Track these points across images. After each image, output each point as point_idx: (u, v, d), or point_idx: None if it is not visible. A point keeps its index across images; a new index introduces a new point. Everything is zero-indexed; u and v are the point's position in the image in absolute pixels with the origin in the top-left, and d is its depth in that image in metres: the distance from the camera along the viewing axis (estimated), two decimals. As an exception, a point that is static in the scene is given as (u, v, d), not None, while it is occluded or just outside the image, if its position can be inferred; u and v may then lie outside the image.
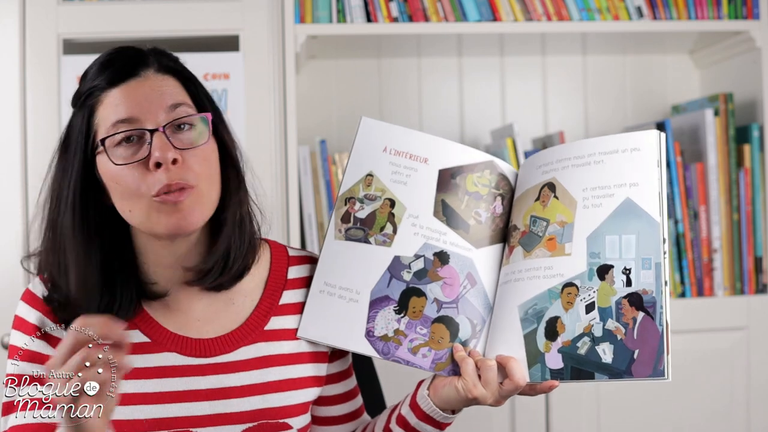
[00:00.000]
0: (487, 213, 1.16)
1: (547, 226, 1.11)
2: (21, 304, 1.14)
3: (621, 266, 1.05)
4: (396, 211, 1.17)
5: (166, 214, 1.06)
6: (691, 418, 2.04)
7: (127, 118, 1.06)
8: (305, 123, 2.25)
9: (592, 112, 2.41)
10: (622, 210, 1.07)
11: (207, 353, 1.13)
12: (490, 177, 1.17)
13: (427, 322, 1.13)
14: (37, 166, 1.95)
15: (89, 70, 1.13)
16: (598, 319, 1.06)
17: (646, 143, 1.08)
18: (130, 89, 1.08)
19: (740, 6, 2.09)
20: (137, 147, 1.06)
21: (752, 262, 2.09)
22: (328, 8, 2.02)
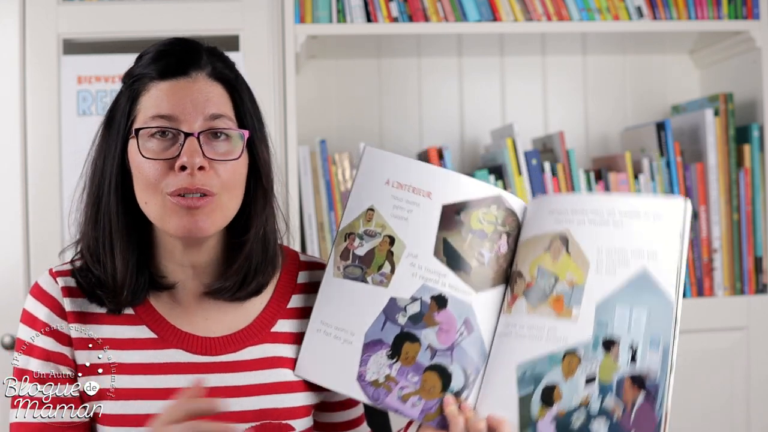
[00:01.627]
0: (491, 253, 1.10)
1: (555, 284, 1.05)
2: (30, 299, 1.15)
3: (628, 341, 1.00)
4: (395, 249, 1.10)
5: (178, 216, 1.07)
6: (691, 418, 2.04)
7: (166, 115, 1.07)
8: (305, 123, 2.25)
9: (592, 112, 2.41)
10: (637, 281, 1.01)
11: (213, 351, 1.14)
12: (497, 213, 1.10)
13: (419, 369, 1.08)
14: (37, 166, 1.95)
15: (145, 54, 1.13)
16: (597, 393, 1.01)
17: (670, 212, 1.02)
18: (177, 87, 1.09)
19: (740, 6, 2.09)
20: (169, 144, 1.07)
21: (752, 262, 2.09)
22: (328, 8, 2.02)
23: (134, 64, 1.14)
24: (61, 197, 1.94)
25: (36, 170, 1.95)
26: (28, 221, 1.95)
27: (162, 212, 1.08)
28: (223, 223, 1.11)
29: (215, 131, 1.08)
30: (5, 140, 1.95)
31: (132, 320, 1.13)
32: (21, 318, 1.14)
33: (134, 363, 1.11)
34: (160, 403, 1.09)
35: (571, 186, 2.05)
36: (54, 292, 1.13)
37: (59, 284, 1.14)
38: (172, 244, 1.13)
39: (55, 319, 1.12)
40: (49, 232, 1.94)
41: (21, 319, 1.14)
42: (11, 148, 1.95)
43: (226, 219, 1.11)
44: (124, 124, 1.11)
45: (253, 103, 1.16)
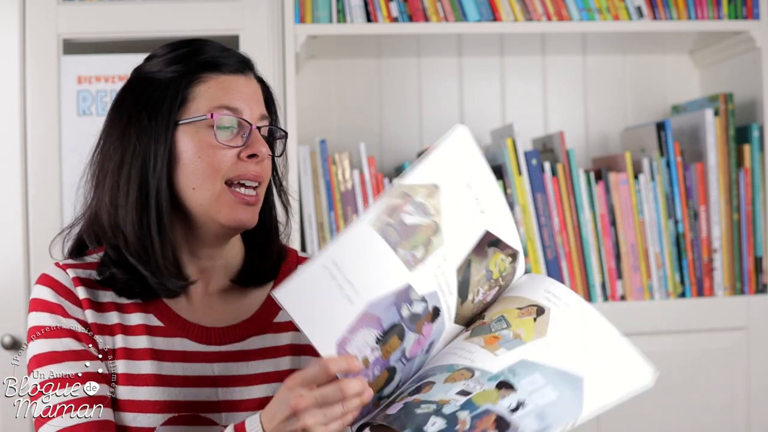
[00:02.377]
0: (481, 296, 1.08)
1: (502, 328, 1.05)
2: (39, 288, 1.13)
3: (521, 397, 0.98)
4: (434, 240, 1.03)
5: (231, 207, 1.11)
6: (691, 418, 2.04)
7: (235, 108, 1.13)
8: (305, 123, 2.25)
9: (592, 112, 2.41)
10: (569, 379, 1.03)
11: (217, 341, 1.16)
12: (508, 266, 1.10)
13: (384, 366, 1.01)
14: (37, 166, 1.95)
15: (202, 42, 1.17)
16: (460, 404, 0.97)
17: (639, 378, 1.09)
18: (243, 84, 1.16)
19: (740, 6, 2.09)
20: (233, 134, 1.12)
21: (752, 262, 2.09)
22: (328, 8, 2.02)
23: (187, 49, 1.15)
24: (61, 197, 1.94)
25: (36, 170, 1.95)
26: (28, 221, 1.95)
27: (216, 200, 1.11)
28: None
29: (270, 129, 1.17)
30: (5, 140, 1.95)
31: (140, 308, 1.15)
32: (31, 307, 1.13)
33: (143, 348, 1.12)
34: (168, 390, 1.11)
35: (571, 186, 2.05)
36: (66, 281, 1.13)
37: (70, 275, 1.14)
38: (206, 239, 1.16)
39: (71, 306, 1.12)
40: (49, 232, 1.92)
41: (32, 308, 1.13)
42: (11, 148, 1.95)
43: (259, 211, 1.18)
44: (176, 111, 1.11)
45: (276, 110, 1.26)
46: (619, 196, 2.06)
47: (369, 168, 2.05)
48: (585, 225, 2.05)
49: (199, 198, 1.11)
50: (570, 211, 2.05)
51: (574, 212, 2.05)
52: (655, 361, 2.10)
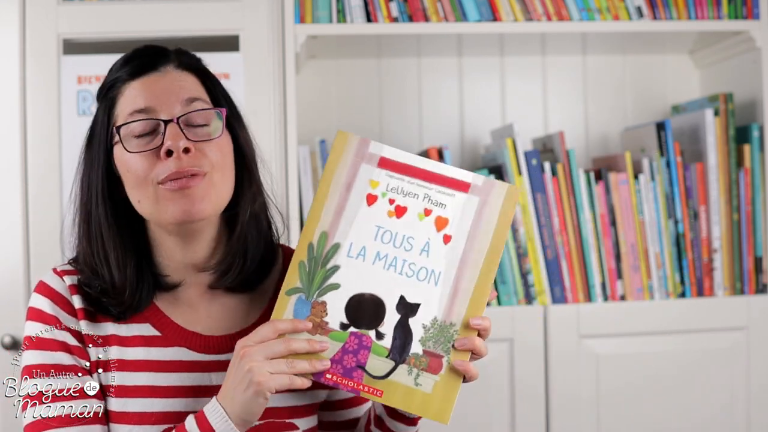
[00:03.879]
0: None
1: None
2: (37, 297, 1.14)
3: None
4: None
5: (173, 201, 1.08)
6: (691, 418, 2.04)
7: (143, 108, 1.09)
8: (305, 123, 2.25)
9: (592, 112, 2.41)
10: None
11: (216, 350, 1.14)
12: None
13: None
14: (37, 166, 1.95)
15: (114, 65, 1.16)
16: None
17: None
18: (150, 82, 1.11)
19: (740, 6, 2.09)
20: (151, 137, 1.09)
21: (752, 262, 2.09)
22: (328, 8, 2.02)
23: (104, 78, 1.16)
24: (61, 197, 1.94)
25: (36, 170, 1.95)
26: (28, 221, 1.95)
27: (156, 203, 1.08)
28: (219, 204, 1.11)
29: (194, 121, 1.10)
30: (5, 140, 1.95)
31: (136, 318, 1.14)
32: (28, 316, 1.14)
33: (138, 360, 1.12)
34: (165, 401, 1.10)
35: (571, 186, 2.05)
36: (62, 289, 1.14)
37: (66, 282, 1.14)
38: (171, 242, 1.14)
39: (66, 316, 1.12)
40: (49, 232, 1.94)
41: (29, 317, 1.13)
42: (11, 148, 1.95)
43: (222, 200, 1.12)
44: (104, 135, 1.12)
45: (224, 90, 1.18)
46: (619, 196, 2.06)
47: (369, 168, 2.05)
48: (585, 225, 2.05)
49: (145, 208, 1.10)
50: (570, 211, 2.05)
51: (574, 212, 2.05)
52: (655, 361, 2.12)
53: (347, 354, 1.07)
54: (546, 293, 2.04)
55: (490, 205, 1.11)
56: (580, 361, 2.02)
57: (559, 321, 2.01)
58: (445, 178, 1.11)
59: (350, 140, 1.13)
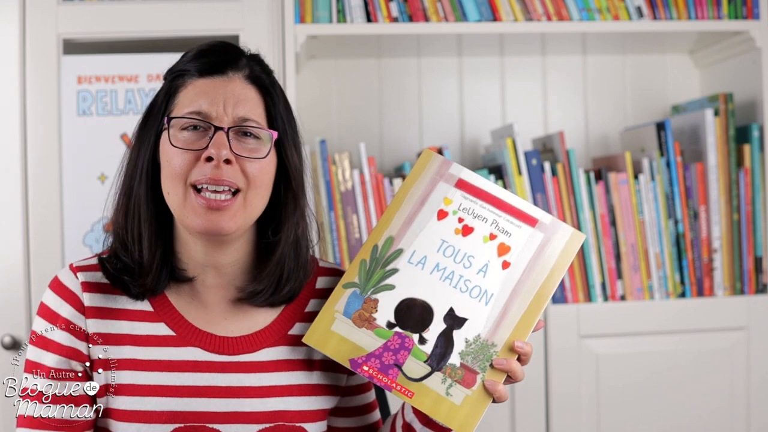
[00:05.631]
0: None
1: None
2: (49, 293, 1.15)
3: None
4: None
5: (196, 214, 1.09)
6: (691, 417, 2.04)
7: (200, 111, 1.10)
8: (305, 123, 2.24)
9: (592, 112, 2.41)
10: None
11: (230, 351, 1.15)
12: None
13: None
14: (37, 166, 1.95)
15: (188, 52, 1.16)
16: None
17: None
18: (214, 85, 1.12)
19: (740, 6, 2.09)
20: (199, 137, 1.10)
21: (752, 262, 2.09)
22: (328, 8, 2.02)
23: (176, 61, 1.17)
24: (61, 197, 1.94)
25: (36, 170, 1.95)
26: (28, 221, 1.95)
27: (183, 205, 1.10)
28: (246, 223, 1.12)
29: (245, 130, 1.11)
30: (5, 140, 1.95)
31: (150, 317, 1.14)
32: (38, 311, 1.15)
33: (152, 360, 1.12)
34: (176, 400, 1.11)
35: (571, 186, 2.05)
36: (74, 286, 1.14)
37: (79, 279, 1.14)
38: (192, 241, 1.15)
39: (74, 314, 1.12)
40: (49, 232, 1.94)
41: (38, 312, 1.15)
42: (11, 148, 1.95)
43: (249, 219, 1.13)
44: (159, 118, 1.14)
45: (287, 110, 1.18)
46: (619, 196, 2.06)
47: (369, 168, 2.05)
48: (585, 225, 2.05)
49: (171, 203, 1.12)
50: (570, 211, 2.05)
51: (574, 212, 2.05)
52: (655, 361, 2.12)
53: (388, 351, 1.11)
54: (546, 293, 2.04)
55: (552, 243, 1.15)
56: (580, 361, 2.02)
57: (559, 321, 2.01)
58: (515, 210, 1.16)
59: (434, 159, 1.19)
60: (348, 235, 2.03)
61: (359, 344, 1.12)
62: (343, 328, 1.13)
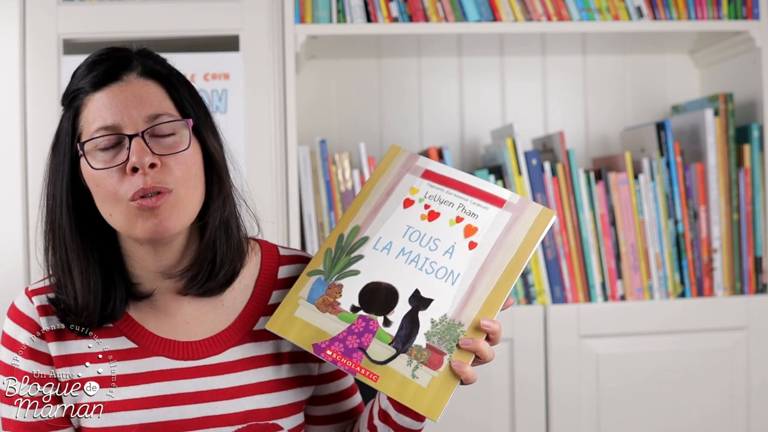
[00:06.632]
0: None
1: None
2: (7, 321, 1.15)
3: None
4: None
5: (144, 219, 1.07)
6: (691, 418, 2.04)
7: (108, 126, 1.07)
8: (305, 123, 2.25)
9: (592, 112, 2.41)
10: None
11: (195, 356, 1.13)
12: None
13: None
14: (38, 166, 1.95)
15: (78, 69, 1.14)
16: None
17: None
18: (113, 94, 1.09)
19: (740, 6, 2.09)
20: (117, 151, 1.07)
21: (752, 262, 2.09)
22: (328, 8, 2.02)
23: (69, 81, 1.14)
24: (61, 197, 1.94)
25: (36, 170, 1.95)
26: (28, 221, 1.95)
27: (127, 220, 1.07)
28: (188, 218, 1.10)
29: (159, 132, 1.08)
30: (5, 140, 1.95)
31: (110, 333, 1.13)
32: (1, 341, 1.14)
33: (117, 375, 1.11)
34: (146, 412, 1.10)
35: (571, 186, 2.05)
36: (30, 312, 1.13)
37: (35, 303, 1.14)
38: (141, 251, 1.13)
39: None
40: (49, 232, 1.94)
41: (1, 342, 1.14)
42: (11, 148, 1.95)
43: (190, 213, 1.11)
44: (69, 145, 1.11)
45: (193, 94, 1.15)
46: (619, 196, 2.06)
47: (369, 168, 2.05)
48: (585, 225, 2.05)
49: (116, 223, 1.09)
50: (570, 211, 2.05)
51: (574, 212, 2.05)
52: (655, 361, 2.12)
53: (352, 335, 1.09)
54: (546, 293, 2.04)
55: (520, 221, 1.14)
56: (580, 361, 2.02)
57: (559, 321, 2.01)
58: (482, 193, 1.16)
59: (401, 153, 1.20)
60: (348, 235, 2.03)
61: (322, 329, 1.10)
62: (307, 314, 1.11)
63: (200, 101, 1.16)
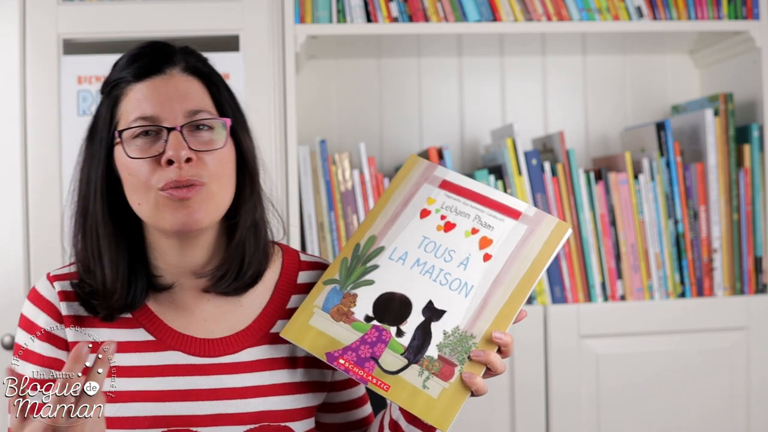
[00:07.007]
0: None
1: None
2: (27, 304, 1.15)
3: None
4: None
5: (173, 210, 1.07)
6: (691, 418, 2.04)
7: (148, 116, 1.08)
8: (305, 123, 2.25)
9: (592, 112, 2.41)
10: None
11: (211, 353, 1.14)
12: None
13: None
14: (38, 166, 1.95)
15: (120, 60, 1.15)
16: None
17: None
18: (154, 86, 1.10)
19: (740, 6, 2.09)
20: (153, 142, 1.08)
21: (752, 262, 2.09)
22: (328, 8, 2.02)
23: (109, 72, 1.15)
24: (61, 197, 1.94)
25: (36, 170, 1.95)
26: (28, 221, 1.95)
27: (155, 209, 1.08)
28: (217, 213, 1.11)
29: (197, 124, 1.09)
30: (5, 140, 1.95)
31: (129, 323, 1.13)
32: (19, 323, 1.15)
33: (132, 366, 1.11)
34: (158, 405, 1.10)
35: (571, 186, 2.05)
36: (51, 296, 1.14)
37: (56, 289, 1.14)
38: (167, 245, 1.14)
39: (52, 323, 1.13)
40: (50, 233, 1.94)
41: (19, 324, 1.15)
42: (11, 149, 1.95)
43: (219, 209, 1.11)
44: (106, 132, 1.12)
45: (231, 95, 1.17)
46: (619, 196, 2.06)
47: (369, 168, 2.05)
48: (585, 225, 2.05)
49: (144, 212, 1.10)
50: (570, 211, 2.05)
51: (574, 212, 2.05)
52: (655, 361, 2.12)
53: (364, 344, 1.10)
54: (546, 293, 2.04)
55: (536, 234, 1.14)
56: (580, 361, 2.02)
57: (559, 321, 2.01)
58: (499, 204, 1.16)
59: (419, 163, 1.21)
60: (348, 235, 2.03)
61: (336, 338, 1.11)
62: (321, 322, 1.12)
63: (238, 103, 1.18)
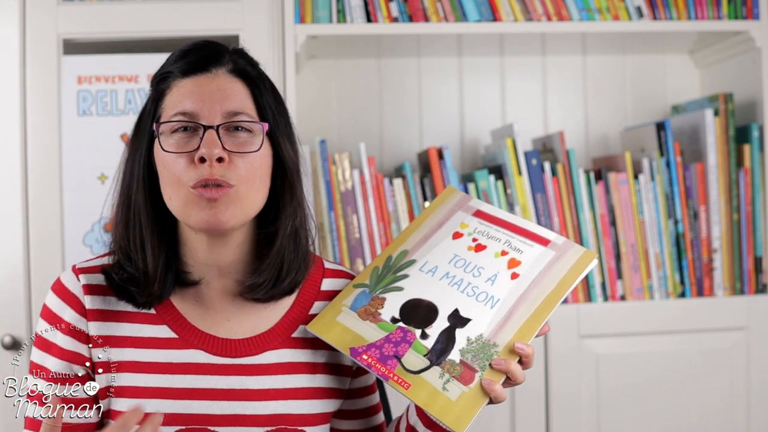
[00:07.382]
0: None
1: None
2: (51, 295, 1.15)
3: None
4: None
5: (199, 209, 1.08)
6: (691, 418, 2.04)
7: (187, 112, 1.10)
8: (305, 123, 2.25)
9: (592, 112, 2.41)
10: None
11: (232, 354, 1.14)
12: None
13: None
14: (38, 166, 1.95)
15: (171, 55, 1.16)
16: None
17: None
18: (198, 84, 1.11)
19: (740, 6, 2.09)
20: (189, 138, 1.09)
21: (752, 262, 2.09)
22: (328, 8, 2.02)
23: (160, 66, 1.16)
24: (61, 197, 1.94)
25: (36, 170, 1.95)
26: (28, 221, 1.95)
27: (185, 206, 1.09)
28: (244, 216, 1.11)
29: (235, 125, 1.10)
30: (5, 140, 1.95)
31: (153, 320, 1.14)
32: (41, 313, 1.15)
33: (154, 362, 1.12)
34: (178, 402, 1.11)
35: (571, 186, 2.05)
36: (75, 289, 1.14)
37: (81, 282, 1.15)
38: (197, 241, 1.15)
39: (75, 316, 1.13)
40: (49, 232, 1.94)
41: (41, 314, 1.15)
42: (11, 149, 1.95)
43: (247, 212, 1.12)
44: (149, 125, 1.13)
45: (278, 101, 1.17)
46: (619, 196, 2.06)
47: (369, 168, 2.05)
48: (585, 225, 2.05)
49: (174, 206, 1.11)
50: (570, 211, 2.05)
51: (574, 212, 2.05)
52: (655, 361, 2.12)
53: (389, 343, 1.12)
54: (546, 293, 2.04)
55: (562, 260, 1.17)
56: (580, 361, 2.02)
57: (559, 321, 2.01)
58: (529, 233, 1.20)
59: (455, 194, 1.26)
60: (348, 235, 2.03)
61: (361, 334, 1.13)
62: (348, 320, 1.15)
63: (284, 110, 1.18)
